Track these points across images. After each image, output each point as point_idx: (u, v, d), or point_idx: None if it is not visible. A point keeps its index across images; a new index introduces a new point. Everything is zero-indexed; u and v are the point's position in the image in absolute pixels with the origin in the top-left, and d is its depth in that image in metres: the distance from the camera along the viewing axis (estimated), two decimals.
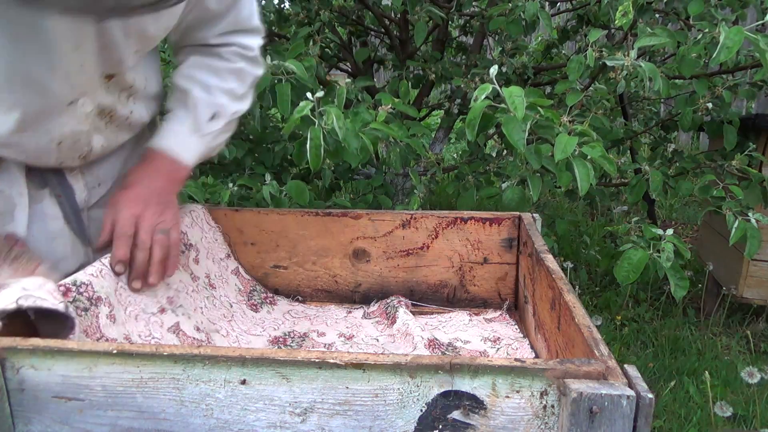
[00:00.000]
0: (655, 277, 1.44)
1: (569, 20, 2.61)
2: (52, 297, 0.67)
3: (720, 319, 2.41)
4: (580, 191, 1.29)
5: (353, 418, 0.56)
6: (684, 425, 1.82)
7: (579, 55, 1.59)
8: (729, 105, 2.02)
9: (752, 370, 1.72)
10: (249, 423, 0.57)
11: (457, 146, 4.35)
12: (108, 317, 0.79)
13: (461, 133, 2.08)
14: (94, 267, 0.82)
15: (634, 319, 2.51)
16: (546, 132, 1.31)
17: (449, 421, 0.55)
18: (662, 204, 3.86)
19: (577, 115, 1.70)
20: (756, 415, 1.84)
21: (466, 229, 1.13)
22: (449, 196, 2.00)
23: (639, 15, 1.73)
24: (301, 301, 1.16)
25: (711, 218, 2.53)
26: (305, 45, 1.81)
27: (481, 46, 2.37)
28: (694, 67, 1.64)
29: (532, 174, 1.50)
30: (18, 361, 0.57)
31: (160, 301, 0.91)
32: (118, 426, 0.58)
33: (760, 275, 2.24)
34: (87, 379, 0.57)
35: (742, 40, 1.40)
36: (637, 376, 0.54)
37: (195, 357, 0.56)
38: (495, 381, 0.54)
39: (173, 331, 0.89)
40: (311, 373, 0.55)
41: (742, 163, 1.84)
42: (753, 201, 1.79)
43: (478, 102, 1.23)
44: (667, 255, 1.35)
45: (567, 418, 0.51)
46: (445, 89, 2.58)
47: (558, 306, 0.78)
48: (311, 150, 1.26)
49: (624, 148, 2.51)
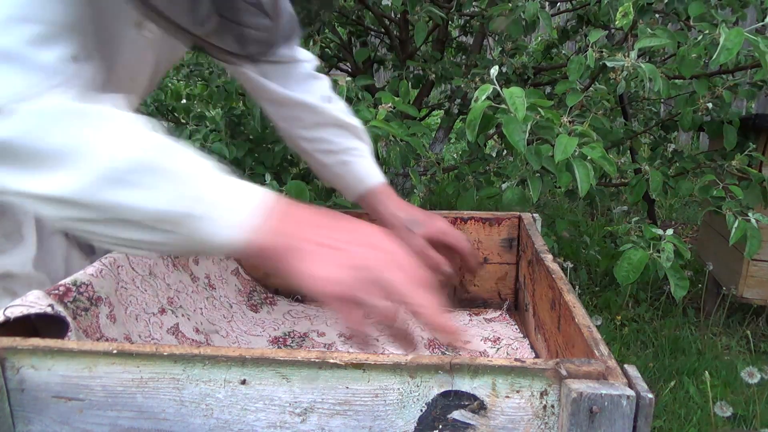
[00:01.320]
0: (655, 277, 1.44)
1: (569, 20, 2.61)
2: (39, 302, 0.67)
3: (720, 319, 2.41)
4: (580, 191, 1.29)
5: (353, 418, 0.56)
6: (684, 425, 1.82)
7: (579, 56, 1.59)
8: (729, 105, 2.02)
9: (752, 370, 1.72)
10: (249, 423, 0.57)
11: (457, 146, 4.35)
12: (108, 317, 0.79)
13: (461, 133, 2.07)
14: (94, 267, 0.82)
15: (634, 319, 2.51)
16: (546, 132, 1.31)
17: (449, 421, 0.55)
18: (662, 204, 3.87)
19: (577, 115, 1.70)
20: (756, 415, 1.84)
21: (466, 229, 1.13)
22: (449, 196, 2.00)
23: (639, 15, 1.72)
24: (300, 301, 1.16)
25: (711, 218, 2.53)
26: (305, 45, 1.81)
27: (481, 46, 2.37)
28: (694, 67, 1.64)
29: (532, 174, 1.50)
30: (18, 361, 0.57)
31: (161, 301, 0.91)
32: (118, 426, 0.58)
33: (760, 275, 2.24)
34: (87, 379, 0.57)
35: (742, 42, 1.40)
36: (637, 376, 0.54)
37: (195, 357, 0.56)
38: (495, 381, 0.54)
39: (172, 332, 0.89)
40: (311, 373, 0.55)
41: (742, 163, 1.84)
42: (753, 201, 1.79)
43: (478, 102, 1.23)
44: (667, 255, 1.35)
45: (567, 418, 0.52)
46: (445, 89, 2.58)
47: (558, 306, 0.78)
48: None
49: (624, 148, 2.51)
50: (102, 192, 0.58)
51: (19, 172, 0.58)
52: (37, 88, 0.59)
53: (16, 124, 0.58)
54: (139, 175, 0.59)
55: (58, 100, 0.60)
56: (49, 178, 0.58)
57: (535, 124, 1.29)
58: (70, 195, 0.58)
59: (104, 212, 0.59)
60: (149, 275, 0.92)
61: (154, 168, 0.60)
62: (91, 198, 0.58)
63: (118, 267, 0.86)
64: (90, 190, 0.58)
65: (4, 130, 0.57)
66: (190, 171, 0.61)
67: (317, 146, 1.02)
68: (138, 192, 0.59)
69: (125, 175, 0.58)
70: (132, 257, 0.90)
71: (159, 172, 0.59)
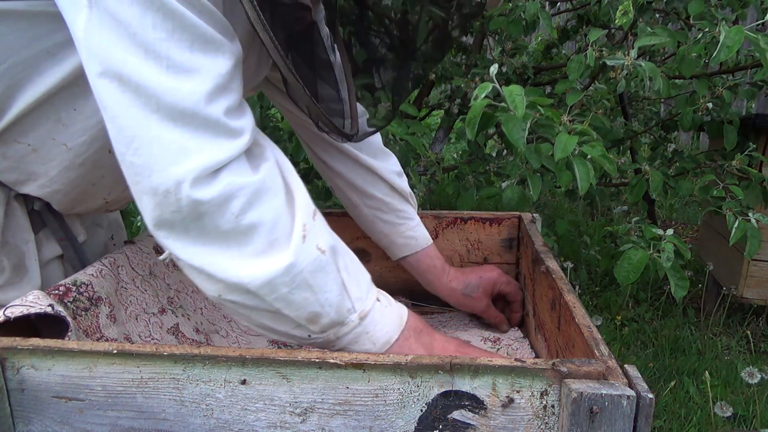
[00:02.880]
0: (655, 277, 1.44)
1: (569, 20, 2.61)
2: (39, 302, 0.67)
3: (720, 319, 2.41)
4: (580, 191, 1.29)
5: (353, 418, 0.56)
6: (684, 425, 1.82)
7: (579, 55, 1.59)
8: (729, 105, 2.01)
9: (752, 370, 1.72)
10: (249, 423, 0.57)
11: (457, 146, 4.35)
12: (108, 317, 0.79)
13: (461, 132, 2.07)
14: (95, 267, 0.82)
15: (634, 319, 2.51)
16: (546, 131, 1.31)
17: (449, 421, 0.55)
18: (662, 204, 3.86)
19: (577, 114, 1.70)
20: (756, 415, 1.84)
21: (466, 229, 1.13)
22: (449, 196, 2.00)
23: (639, 14, 1.72)
24: None
25: (711, 218, 2.52)
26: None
27: (481, 46, 2.37)
28: (694, 66, 1.64)
29: (532, 173, 1.50)
30: (18, 361, 0.57)
31: (161, 301, 0.91)
32: (118, 426, 0.58)
33: (760, 275, 2.24)
34: (87, 379, 0.57)
35: (742, 40, 1.40)
36: (638, 376, 0.54)
37: (195, 357, 0.56)
38: (495, 381, 0.54)
39: (173, 332, 0.89)
40: (311, 373, 0.55)
41: (742, 163, 1.83)
42: (753, 201, 1.78)
43: (478, 100, 1.23)
44: (667, 255, 1.34)
45: (567, 418, 0.51)
46: (445, 89, 2.58)
47: (558, 306, 0.78)
48: None
49: (624, 148, 2.51)
50: (282, 287, 0.62)
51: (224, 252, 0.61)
52: (235, 151, 0.61)
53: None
54: (319, 275, 0.63)
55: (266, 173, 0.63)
56: (251, 264, 0.61)
57: (535, 123, 1.28)
58: (256, 287, 0.61)
59: (269, 305, 0.62)
60: (149, 275, 0.92)
61: (330, 271, 0.65)
62: (270, 292, 0.62)
63: (118, 267, 0.86)
64: (277, 281, 0.61)
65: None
66: (352, 277, 0.67)
67: (371, 203, 1.07)
68: (309, 292, 0.63)
69: (309, 275, 0.63)
70: (132, 257, 0.90)
71: (330, 275, 0.64)
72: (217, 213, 0.59)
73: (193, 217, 0.59)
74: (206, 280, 0.62)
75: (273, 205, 0.62)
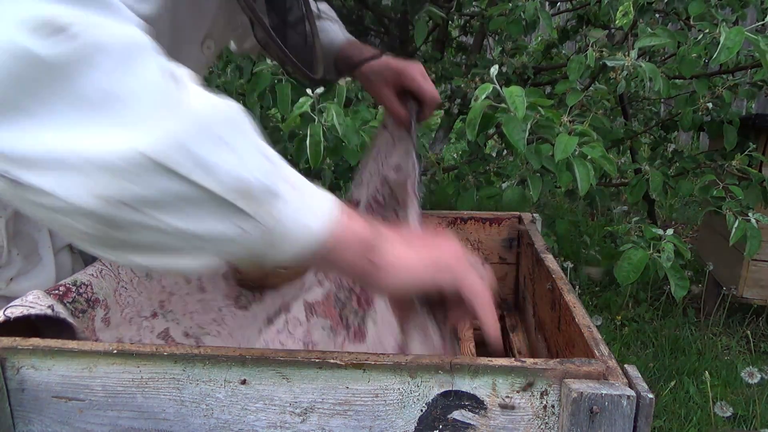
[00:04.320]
0: (655, 277, 1.44)
1: (569, 20, 2.61)
2: (39, 302, 0.67)
3: (720, 319, 2.41)
4: (580, 191, 1.29)
5: (353, 418, 0.56)
6: (684, 425, 1.82)
7: (579, 55, 1.59)
8: (729, 105, 2.02)
9: (752, 370, 1.72)
10: (249, 423, 0.57)
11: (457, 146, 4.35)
12: (103, 320, 0.79)
13: (461, 133, 2.07)
14: (95, 267, 0.82)
15: (634, 319, 2.51)
16: (546, 132, 1.31)
17: (449, 421, 0.55)
18: (662, 204, 3.86)
19: (578, 115, 1.70)
20: (756, 415, 1.84)
21: (466, 229, 1.13)
22: (449, 196, 2.00)
23: (639, 15, 1.73)
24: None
25: (711, 218, 2.53)
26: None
27: (481, 46, 2.37)
28: (694, 67, 1.64)
29: (532, 174, 1.50)
30: (18, 361, 0.57)
31: (153, 304, 0.91)
32: (118, 426, 0.58)
33: (760, 275, 2.24)
34: (87, 379, 0.57)
35: (742, 41, 1.40)
36: (638, 376, 0.54)
37: (195, 357, 0.56)
38: (495, 381, 0.54)
39: (162, 337, 0.89)
40: (311, 373, 0.55)
41: (742, 163, 1.84)
42: (753, 201, 1.79)
43: (478, 101, 1.23)
44: (667, 255, 1.34)
45: (567, 418, 0.51)
46: (445, 89, 2.58)
47: (558, 306, 0.78)
48: (311, 147, 1.26)
49: (624, 148, 2.51)
50: (192, 144, 0.44)
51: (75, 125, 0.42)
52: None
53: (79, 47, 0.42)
54: (234, 133, 0.47)
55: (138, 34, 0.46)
56: (123, 131, 0.42)
57: (535, 123, 1.29)
58: (162, 151, 0.43)
59: (183, 180, 0.44)
60: (146, 276, 0.92)
61: (244, 131, 0.49)
62: (183, 155, 0.44)
63: (118, 267, 0.86)
64: (179, 139, 0.44)
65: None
66: (271, 151, 0.52)
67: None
68: (228, 152, 0.46)
69: (221, 129, 0.46)
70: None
71: (247, 136, 0.49)
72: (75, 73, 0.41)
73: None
74: (75, 175, 0.41)
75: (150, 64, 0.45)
